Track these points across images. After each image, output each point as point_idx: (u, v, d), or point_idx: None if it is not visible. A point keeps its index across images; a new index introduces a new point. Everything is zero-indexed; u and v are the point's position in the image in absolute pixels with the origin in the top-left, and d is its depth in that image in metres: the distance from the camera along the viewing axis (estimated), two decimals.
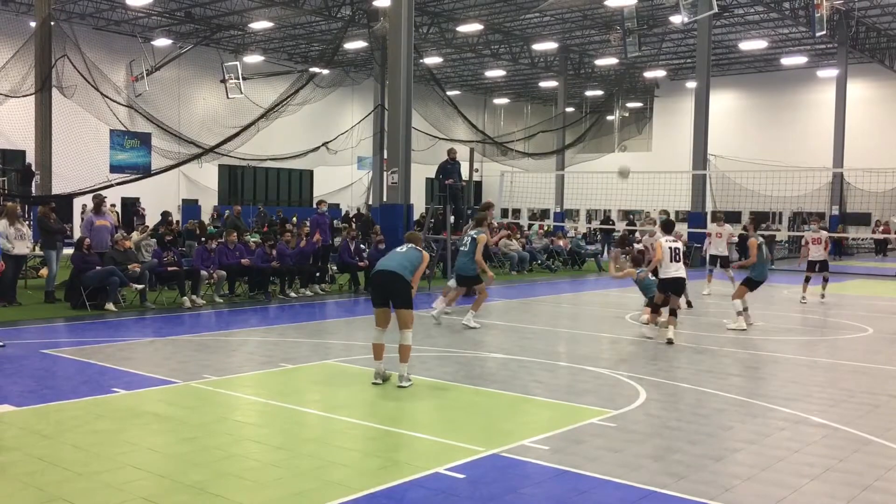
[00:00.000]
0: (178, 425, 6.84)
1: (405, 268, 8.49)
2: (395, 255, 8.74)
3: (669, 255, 11.48)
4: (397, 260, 8.60)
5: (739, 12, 32.94)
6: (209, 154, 24.65)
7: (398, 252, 8.79)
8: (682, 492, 5.34)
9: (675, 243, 11.62)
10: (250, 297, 15.86)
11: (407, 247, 8.87)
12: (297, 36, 38.30)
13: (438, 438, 6.58)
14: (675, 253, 11.51)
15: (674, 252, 11.51)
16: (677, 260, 11.50)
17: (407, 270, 8.49)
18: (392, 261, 8.61)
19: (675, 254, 11.51)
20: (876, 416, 7.51)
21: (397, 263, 8.52)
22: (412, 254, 8.72)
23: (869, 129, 39.00)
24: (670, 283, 11.48)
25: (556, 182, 40.48)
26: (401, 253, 8.74)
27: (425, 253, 8.87)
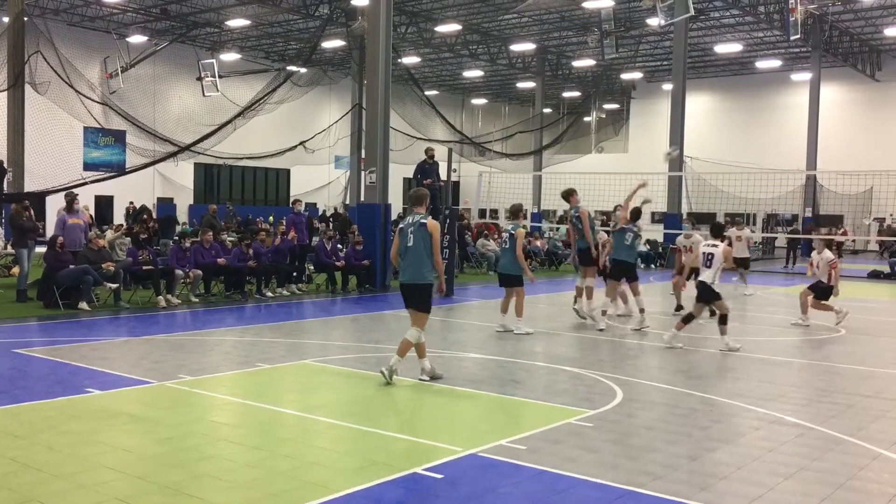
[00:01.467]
0: (153, 426, 6.78)
1: (419, 268, 8.23)
2: (409, 257, 8.33)
3: (703, 259, 11.00)
4: (411, 267, 8.31)
5: (715, 16, 33.25)
6: (185, 152, 24.46)
7: (410, 249, 8.31)
8: (658, 491, 5.37)
9: (712, 248, 10.98)
10: (226, 296, 15.75)
11: (414, 227, 8.31)
12: (274, 34, 38.10)
13: (416, 438, 6.57)
14: (706, 258, 10.95)
15: (706, 257, 10.97)
16: (707, 266, 10.91)
17: (421, 271, 8.22)
18: (407, 272, 8.36)
19: (707, 259, 10.94)
20: (849, 415, 7.60)
21: (411, 274, 8.30)
22: (420, 238, 8.22)
23: (841, 132, 39.52)
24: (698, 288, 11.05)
25: (533, 183, 40.62)
26: (413, 249, 8.28)
27: (430, 222, 8.28)
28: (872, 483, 5.71)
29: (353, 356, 10.04)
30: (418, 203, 8.51)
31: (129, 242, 16.02)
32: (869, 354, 11.08)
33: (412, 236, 8.33)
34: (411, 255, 8.35)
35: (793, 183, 36.67)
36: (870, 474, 5.89)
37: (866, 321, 14.31)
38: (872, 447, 6.52)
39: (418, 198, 8.54)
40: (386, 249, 18.15)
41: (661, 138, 33.61)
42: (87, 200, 28.27)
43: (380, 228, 17.99)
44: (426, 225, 8.28)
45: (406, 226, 8.49)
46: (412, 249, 8.33)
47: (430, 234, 8.25)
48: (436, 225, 8.35)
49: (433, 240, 8.25)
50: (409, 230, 8.40)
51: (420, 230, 8.29)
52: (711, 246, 11.00)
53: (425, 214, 8.47)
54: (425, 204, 8.55)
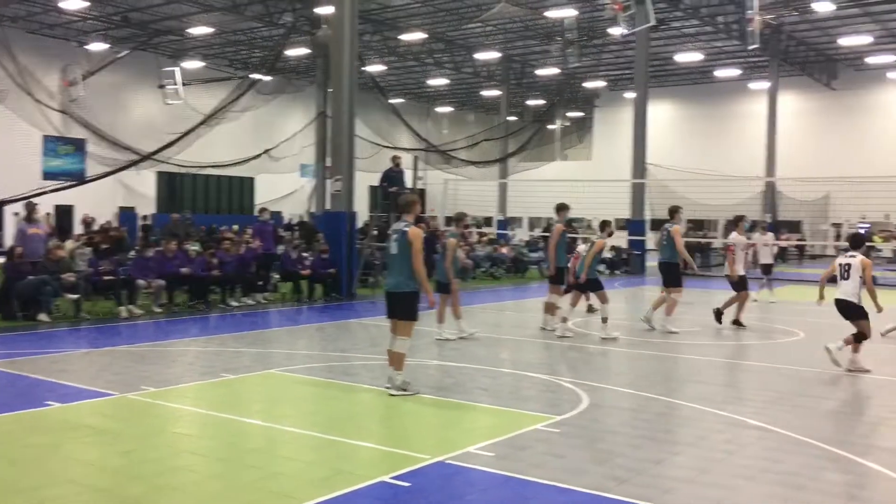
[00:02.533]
0: (115, 438, 6.68)
1: (402, 277, 8.18)
2: (394, 265, 8.32)
3: (839, 272, 10.03)
4: (395, 275, 8.30)
5: (676, 25, 33.70)
6: (147, 161, 24.16)
7: (394, 257, 8.27)
8: (624, 495, 5.42)
9: (849, 259, 10.00)
10: (190, 306, 15.56)
11: (398, 234, 8.23)
12: (237, 42, 37.82)
13: (383, 447, 6.56)
14: (844, 270, 10.00)
15: (843, 269, 10.00)
16: (845, 278, 9.96)
17: (404, 281, 8.17)
18: (391, 279, 8.39)
19: (845, 271, 9.99)
20: (809, 417, 7.74)
21: (394, 283, 8.28)
22: (402, 247, 8.12)
23: (799, 139, 40.26)
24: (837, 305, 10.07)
25: (499, 190, 40.77)
26: (397, 257, 8.22)
27: (412, 230, 8.11)
28: (832, 484, 5.81)
29: (319, 365, 9.99)
30: (406, 210, 8.40)
31: (90, 252, 15.77)
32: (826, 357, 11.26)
33: (395, 244, 8.27)
34: (395, 263, 8.31)
35: (752, 189, 37.28)
36: (830, 475, 6.00)
37: (825, 324, 14.56)
38: (832, 448, 6.65)
39: (406, 204, 8.42)
40: (352, 257, 18.10)
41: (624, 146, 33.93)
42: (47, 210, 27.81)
43: (345, 236, 17.92)
44: (408, 233, 8.15)
45: (392, 232, 8.45)
46: (396, 257, 8.27)
47: (410, 241, 8.10)
48: (417, 232, 8.19)
49: (413, 248, 8.09)
50: (393, 237, 8.36)
51: (402, 238, 8.19)
52: (850, 257, 10.04)
53: (411, 222, 8.34)
54: (414, 211, 8.40)
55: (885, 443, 6.93)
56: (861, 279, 9.85)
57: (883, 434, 7.23)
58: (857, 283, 9.87)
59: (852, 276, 9.91)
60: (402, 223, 8.32)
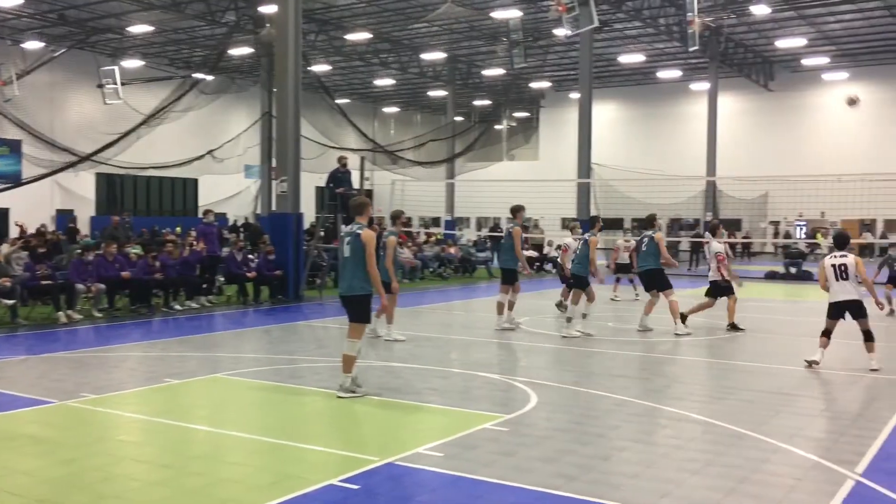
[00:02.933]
0: (55, 447, 6.49)
1: (356, 279, 8.14)
2: (346, 268, 8.28)
3: (834, 274, 9.87)
4: (347, 274, 8.28)
5: (619, 27, 34.19)
6: (86, 162, 23.58)
7: (347, 259, 8.22)
8: (573, 492, 5.47)
9: (842, 259, 9.89)
10: (131, 310, 15.22)
11: (351, 237, 8.19)
12: (179, 41, 37.17)
13: (332, 450, 6.51)
14: (841, 271, 9.84)
15: (839, 270, 9.84)
16: (844, 279, 9.82)
17: (357, 283, 8.13)
18: (343, 278, 8.36)
19: (842, 272, 9.83)
20: (751, 411, 7.92)
21: (347, 285, 8.24)
22: (356, 249, 8.07)
23: (738, 139, 41.22)
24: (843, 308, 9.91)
25: (446, 190, 40.85)
26: (350, 259, 8.17)
27: (366, 232, 8.06)
28: (773, 475, 5.95)
29: (266, 368, 9.87)
30: (359, 212, 8.37)
31: (27, 256, 15.30)
32: (768, 352, 11.56)
33: (348, 246, 8.22)
34: (348, 266, 8.27)
35: (694, 188, 38.06)
36: (771, 467, 6.14)
37: (764, 320, 14.93)
38: (773, 441, 6.81)
39: (358, 206, 8.40)
40: (299, 259, 17.92)
41: (570, 146, 34.32)
42: None
43: (292, 238, 17.74)
44: (361, 235, 8.10)
45: (344, 235, 8.41)
46: (348, 260, 8.23)
47: (364, 244, 8.05)
48: (371, 235, 8.14)
49: (367, 250, 8.04)
50: (345, 239, 8.32)
51: (355, 240, 8.13)
52: (842, 257, 9.92)
53: (364, 224, 8.29)
54: (366, 213, 8.37)
55: (821, 434, 7.13)
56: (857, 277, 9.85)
57: (820, 425, 7.43)
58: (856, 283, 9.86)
59: (851, 276, 9.83)
60: (355, 225, 8.28)
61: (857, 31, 34.91)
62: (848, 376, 9.77)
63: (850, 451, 6.51)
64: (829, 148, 39.28)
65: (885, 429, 7.23)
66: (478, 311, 16.60)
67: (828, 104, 40.84)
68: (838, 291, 9.92)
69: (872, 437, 6.95)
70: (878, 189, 23.90)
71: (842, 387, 9.16)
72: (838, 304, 9.93)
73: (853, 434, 7.08)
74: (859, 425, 7.40)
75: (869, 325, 9.99)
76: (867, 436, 6.98)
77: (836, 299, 9.95)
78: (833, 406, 8.19)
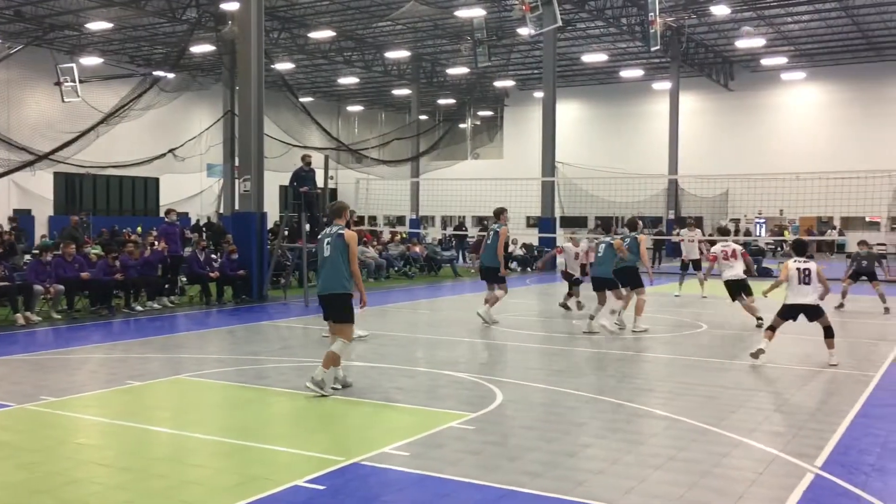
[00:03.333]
0: (14, 451, 6.37)
1: (337, 278, 8.20)
2: (326, 267, 8.31)
3: (798, 277, 10.11)
4: (326, 273, 8.29)
5: (581, 27, 34.45)
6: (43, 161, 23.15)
7: (327, 259, 8.28)
8: (538, 489, 5.51)
9: (806, 264, 10.21)
10: (91, 312, 14.98)
11: (332, 238, 8.28)
12: (138, 38, 36.64)
13: (297, 450, 6.47)
14: (805, 275, 10.10)
15: (803, 274, 10.10)
16: (807, 283, 10.09)
17: (340, 282, 8.20)
18: (324, 277, 8.34)
19: (806, 276, 10.10)
20: (712, 406, 8.04)
21: (329, 282, 8.26)
22: (337, 249, 8.19)
23: (699, 138, 41.75)
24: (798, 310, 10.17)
25: (411, 189, 40.81)
26: (330, 259, 8.25)
27: (348, 233, 8.27)
28: (734, 469, 6.05)
29: (230, 369, 9.78)
30: (338, 215, 8.55)
31: None
32: (728, 348, 11.75)
33: (329, 246, 8.29)
34: (328, 265, 8.32)
35: (656, 187, 38.49)
36: (732, 461, 6.25)
37: (725, 316, 15.15)
38: (733, 435, 6.92)
39: (337, 210, 8.60)
40: (262, 258, 17.78)
41: (534, 144, 34.49)
42: None
43: (255, 237, 17.59)
44: (344, 235, 8.25)
45: (324, 236, 8.47)
46: (329, 259, 8.30)
47: (347, 244, 8.21)
48: (353, 235, 8.35)
49: (350, 250, 8.21)
50: (325, 240, 8.37)
51: (338, 240, 8.25)
52: (805, 262, 10.23)
53: (343, 225, 8.44)
54: (345, 216, 8.59)
55: (781, 428, 7.26)
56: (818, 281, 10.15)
57: (780, 420, 7.57)
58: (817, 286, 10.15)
59: (814, 281, 10.10)
60: (335, 227, 8.41)
61: (814, 32, 35.59)
62: (807, 371, 9.97)
63: (810, 445, 6.64)
64: (787, 147, 39.98)
65: (843, 422, 7.39)
66: (443, 310, 16.62)
67: (786, 103, 41.56)
68: (798, 294, 10.13)
69: (831, 430, 7.10)
70: (834, 187, 24.40)
71: (800, 382, 9.34)
72: (795, 306, 10.14)
73: (812, 428, 7.22)
74: (818, 419, 7.56)
75: (829, 321, 10.23)
76: (826, 429, 7.13)
77: (795, 301, 10.15)
78: (792, 401, 8.35)
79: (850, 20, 33.33)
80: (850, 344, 12.12)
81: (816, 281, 10.13)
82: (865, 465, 6.16)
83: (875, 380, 9.37)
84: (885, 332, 13.26)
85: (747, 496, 5.47)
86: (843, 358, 10.53)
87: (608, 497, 5.38)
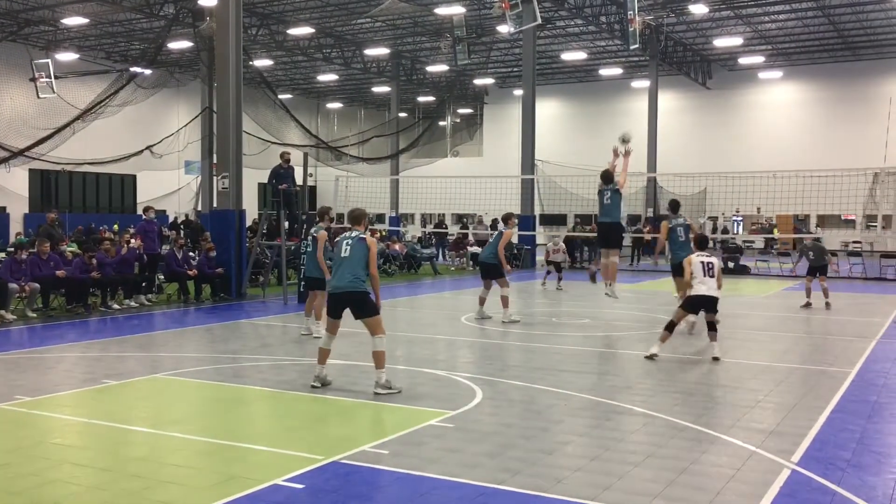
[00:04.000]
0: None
1: (358, 278, 8.32)
2: (345, 266, 8.37)
3: (702, 270, 10.50)
4: (348, 274, 8.33)
5: (561, 24, 34.54)
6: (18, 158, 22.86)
7: (346, 259, 8.38)
8: (517, 486, 5.52)
9: (709, 258, 10.63)
10: (67, 310, 14.82)
11: (352, 240, 8.44)
12: (115, 34, 36.29)
13: (276, 449, 6.43)
14: (708, 268, 10.49)
15: (707, 268, 10.49)
16: (710, 276, 10.47)
17: (360, 281, 8.33)
18: (343, 278, 8.35)
19: (709, 269, 10.49)
20: (690, 403, 8.09)
21: (349, 281, 8.31)
22: (358, 252, 8.37)
23: (678, 136, 42.02)
24: (701, 302, 10.54)
25: (391, 186, 40.73)
26: (348, 259, 8.36)
27: (370, 239, 8.55)
28: (712, 466, 6.10)
29: (208, 368, 9.71)
30: (357, 222, 8.80)
31: None
32: (705, 346, 11.82)
33: (349, 247, 8.45)
34: (346, 265, 8.41)
35: (635, 185, 38.67)
36: (710, 458, 6.29)
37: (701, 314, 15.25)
38: (711, 432, 6.97)
39: (357, 217, 8.85)
40: (241, 256, 17.68)
41: (513, 142, 34.56)
42: None
43: (234, 235, 17.49)
44: (365, 240, 8.50)
45: (342, 238, 8.64)
46: (348, 259, 8.41)
47: (368, 248, 8.46)
48: (374, 241, 8.64)
49: (370, 253, 8.45)
50: (344, 242, 8.53)
51: (359, 243, 8.46)
52: (708, 256, 10.63)
53: (363, 231, 8.69)
54: (364, 223, 8.85)
55: (758, 425, 7.32)
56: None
57: (757, 416, 7.63)
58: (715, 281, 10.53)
59: (716, 275, 10.51)
60: (355, 232, 8.63)
61: (791, 31, 35.92)
62: (784, 368, 10.06)
63: (786, 441, 6.70)
64: (764, 145, 40.34)
65: (819, 419, 7.47)
66: (422, 308, 16.61)
67: (764, 102, 41.90)
68: (702, 287, 10.48)
69: (807, 426, 7.17)
70: (811, 185, 24.62)
71: (777, 379, 9.43)
72: (698, 297, 10.47)
73: (789, 424, 7.29)
74: (794, 416, 7.63)
75: (715, 318, 10.64)
76: (802, 426, 7.20)
77: (699, 293, 10.49)
78: (769, 397, 8.42)
79: (826, 20, 33.66)
80: (826, 341, 12.25)
81: (717, 274, 10.49)
82: (841, 461, 6.22)
83: (850, 376, 9.48)
84: (860, 330, 13.42)
85: (725, 492, 5.51)
86: (819, 355, 10.63)
87: (587, 494, 5.40)
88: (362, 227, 8.78)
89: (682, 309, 10.76)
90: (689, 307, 10.69)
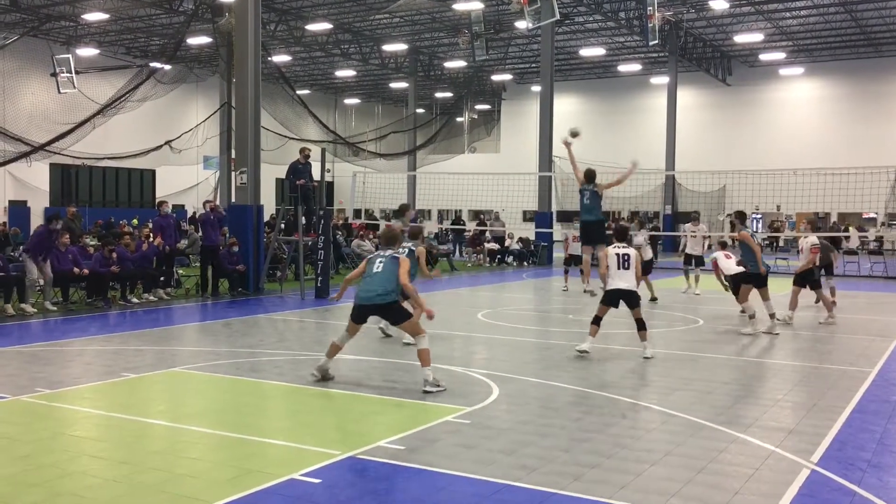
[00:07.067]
0: (8, 443, 6.34)
1: (388, 292, 8.32)
2: (376, 279, 8.39)
3: (617, 262, 10.26)
4: (377, 287, 8.33)
5: (580, 20, 34.40)
6: (39, 152, 23.07)
7: (378, 274, 8.40)
8: (533, 483, 5.50)
9: (625, 249, 10.38)
10: (87, 303, 14.95)
11: (387, 258, 8.51)
12: (135, 29, 36.53)
13: (292, 444, 6.45)
14: (624, 260, 10.27)
15: (622, 259, 10.27)
16: (626, 268, 10.24)
17: (391, 294, 8.33)
18: (371, 290, 8.35)
19: (625, 261, 10.27)
20: (709, 402, 8.03)
21: (377, 294, 8.31)
22: (389, 269, 8.39)
23: (697, 133, 41.78)
24: (619, 296, 10.26)
25: (408, 182, 40.77)
26: (380, 274, 8.38)
27: (403, 258, 8.55)
28: (731, 465, 6.05)
29: (226, 362, 9.76)
30: (391, 243, 8.92)
31: None
32: (724, 343, 11.74)
33: (382, 264, 8.49)
34: (378, 277, 8.43)
35: (653, 182, 38.49)
36: (728, 457, 6.24)
37: (722, 312, 15.16)
38: (730, 431, 6.92)
39: (391, 238, 8.98)
40: (259, 251, 17.75)
41: (531, 138, 34.49)
42: None
43: (252, 230, 17.56)
44: (398, 259, 8.53)
45: (375, 256, 8.73)
46: (380, 273, 8.44)
47: (400, 265, 8.48)
48: (407, 261, 8.61)
49: (402, 269, 8.41)
50: (377, 259, 8.60)
51: (392, 261, 8.51)
52: (624, 248, 10.40)
53: (397, 250, 8.84)
54: (398, 242, 9.07)
55: (777, 424, 7.25)
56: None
57: (776, 416, 7.57)
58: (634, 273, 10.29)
59: (633, 267, 10.24)
60: (389, 250, 8.74)
61: (813, 27, 35.57)
62: (803, 367, 9.97)
63: (806, 441, 6.64)
64: (785, 142, 39.99)
65: (839, 418, 7.39)
66: (438, 304, 16.60)
67: (784, 98, 41.53)
68: (618, 279, 10.24)
69: (827, 426, 7.10)
70: (832, 183, 24.39)
71: (797, 378, 9.34)
72: (616, 291, 10.22)
73: (808, 424, 7.22)
74: (814, 415, 7.55)
75: (641, 314, 10.39)
76: (822, 425, 7.13)
77: (615, 286, 10.24)
78: (788, 396, 8.35)
79: (848, 16, 33.30)
80: (846, 340, 12.14)
81: (634, 266, 10.24)
82: (861, 461, 6.16)
83: (871, 376, 9.38)
84: (881, 329, 13.28)
85: (744, 491, 5.46)
86: (839, 354, 10.52)
87: (603, 492, 5.37)
88: (397, 245, 8.96)
89: (602, 304, 10.38)
90: (607, 302, 10.33)
